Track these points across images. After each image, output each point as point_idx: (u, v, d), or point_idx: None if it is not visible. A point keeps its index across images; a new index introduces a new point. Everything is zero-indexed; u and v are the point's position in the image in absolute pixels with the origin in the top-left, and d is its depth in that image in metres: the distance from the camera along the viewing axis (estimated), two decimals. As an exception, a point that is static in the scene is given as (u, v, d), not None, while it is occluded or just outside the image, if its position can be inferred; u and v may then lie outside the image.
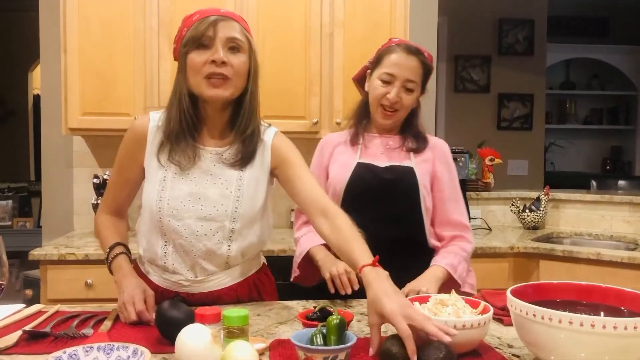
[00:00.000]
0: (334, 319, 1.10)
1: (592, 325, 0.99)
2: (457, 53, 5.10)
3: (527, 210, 3.25)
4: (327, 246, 1.72)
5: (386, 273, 1.22)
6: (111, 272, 1.49)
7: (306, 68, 2.87)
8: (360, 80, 1.92)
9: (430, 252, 1.80)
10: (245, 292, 1.58)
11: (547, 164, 6.18)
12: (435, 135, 4.95)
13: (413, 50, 1.77)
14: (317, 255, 1.72)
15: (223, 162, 1.48)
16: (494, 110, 5.19)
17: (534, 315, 1.06)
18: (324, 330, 1.10)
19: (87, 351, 0.98)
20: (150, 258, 1.52)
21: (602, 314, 1.16)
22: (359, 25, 2.88)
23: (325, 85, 2.89)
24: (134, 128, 1.54)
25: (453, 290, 1.29)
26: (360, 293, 1.60)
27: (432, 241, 1.81)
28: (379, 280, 1.18)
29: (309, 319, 1.23)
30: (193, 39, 1.41)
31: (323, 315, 1.23)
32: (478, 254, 2.62)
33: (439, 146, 1.86)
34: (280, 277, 2.23)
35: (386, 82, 1.75)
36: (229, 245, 1.48)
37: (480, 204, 3.41)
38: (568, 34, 6.07)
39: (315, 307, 1.27)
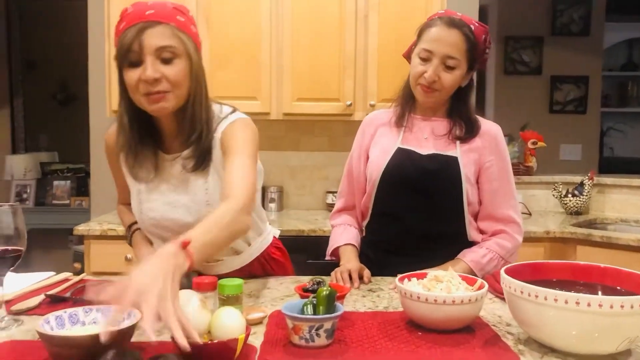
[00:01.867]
0: (323, 291, 1.13)
1: (577, 303, 0.98)
2: (508, 34, 4.95)
3: (569, 195, 3.15)
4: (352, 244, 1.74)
5: (172, 254, 1.04)
6: (132, 247, 1.59)
7: (340, 50, 2.88)
8: (409, 57, 1.74)
9: (468, 247, 1.69)
10: (259, 269, 1.64)
11: (605, 149, 5.94)
12: (484, 118, 4.91)
13: (455, 23, 1.59)
14: (341, 256, 1.72)
15: (185, 168, 1.42)
16: (546, 93, 5.02)
17: (522, 292, 1.05)
18: (315, 301, 1.13)
19: (86, 312, 1.06)
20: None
21: (599, 293, 1.14)
22: (394, 7, 2.86)
23: (360, 68, 2.89)
24: (106, 142, 1.53)
25: (450, 267, 1.28)
26: (373, 273, 1.64)
27: (474, 235, 1.69)
28: (153, 255, 1.06)
29: (305, 291, 1.27)
30: (121, 54, 1.31)
31: (319, 287, 1.26)
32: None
33: (490, 133, 1.68)
34: (311, 257, 2.29)
35: (424, 60, 1.61)
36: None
37: (522, 189, 3.32)
38: (630, 12, 5.76)
39: (312, 280, 1.31)
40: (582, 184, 3.14)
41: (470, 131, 1.68)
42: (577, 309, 0.98)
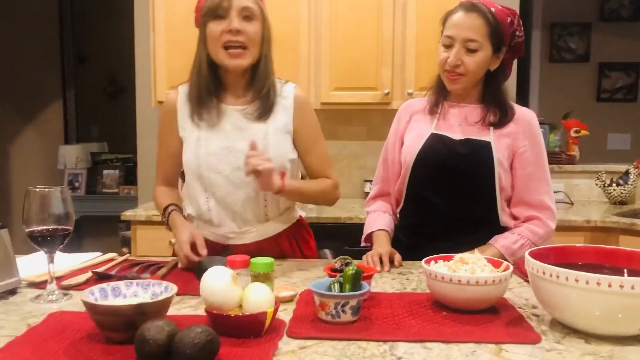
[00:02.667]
0: (350, 270, 1.17)
1: (598, 284, 1.00)
2: (554, 21, 4.84)
3: (613, 184, 3.09)
4: (385, 230, 1.78)
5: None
6: (170, 229, 1.66)
7: (378, 39, 2.90)
8: None
9: (501, 232, 1.69)
10: (287, 245, 1.73)
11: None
12: (528, 107, 4.82)
13: (474, 6, 1.61)
14: (374, 241, 1.77)
15: (247, 117, 1.62)
16: (594, 80, 4.89)
17: (543, 273, 1.07)
18: (342, 280, 1.18)
19: (127, 286, 1.13)
20: (197, 215, 1.68)
21: (625, 276, 1.14)
22: (432, -5, 2.85)
23: (398, 56, 2.91)
24: (165, 102, 1.72)
25: (476, 250, 1.31)
26: (405, 258, 1.67)
27: (507, 220, 1.69)
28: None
29: (334, 271, 1.31)
30: (210, 9, 1.54)
31: (346, 267, 1.31)
32: (551, 227, 2.56)
33: (524, 118, 1.69)
34: (347, 243, 2.33)
35: (447, 46, 1.64)
36: (265, 193, 1.61)
37: (564, 178, 3.28)
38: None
39: (341, 261, 1.35)
40: (627, 173, 3.08)
41: (504, 117, 1.68)
42: (597, 289, 1.00)
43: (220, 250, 1.63)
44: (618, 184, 3.08)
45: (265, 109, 1.62)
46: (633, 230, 2.55)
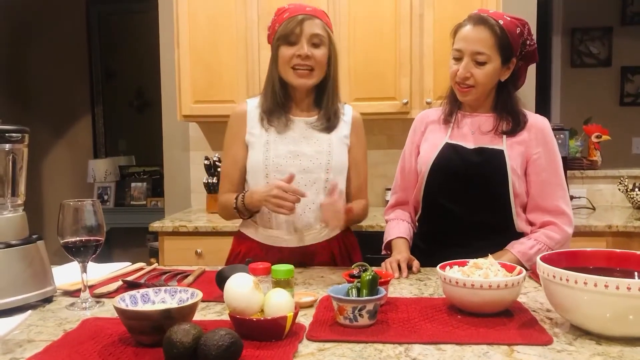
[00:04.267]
0: (367, 275, 1.22)
1: (606, 286, 1.02)
2: (574, 26, 4.83)
3: (636, 189, 3.07)
4: (404, 237, 1.83)
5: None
6: (246, 207, 1.73)
7: (396, 50, 2.95)
8: None
9: (517, 238, 1.72)
10: (337, 250, 1.82)
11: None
12: (550, 113, 4.82)
13: (482, 20, 1.65)
14: (393, 248, 1.82)
15: (313, 128, 1.79)
16: (617, 85, 4.86)
17: (554, 277, 1.10)
18: (359, 285, 1.23)
19: (156, 292, 1.20)
20: (257, 217, 1.79)
21: (636, 278, 1.16)
22: (449, 5, 2.90)
23: (416, 66, 2.95)
24: (236, 110, 1.87)
25: (490, 255, 1.34)
26: (424, 264, 1.71)
27: (523, 226, 1.72)
28: None
29: (352, 277, 1.36)
30: (283, 36, 1.72)
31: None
32: (573, 233, 2.55)
33: (537, 125, 1.72)
34: (369, 251, 2.38)
35: (457, 59, 1.69)
36: (325, 197, 1.72)
37: (586, 183, 3.27)
38: None
39: (358, 267, 1.40)
40: (649, 178, 3.06)
41: (516, 125, 1.72)
42: (606, 291, 1.03)
43: (270, 254, 1.73)
44: (641, 189, 3.06)
45: (331, 125, 1.80)
46: (656, 235, 2.55)
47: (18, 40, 5.22)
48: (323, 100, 1.80)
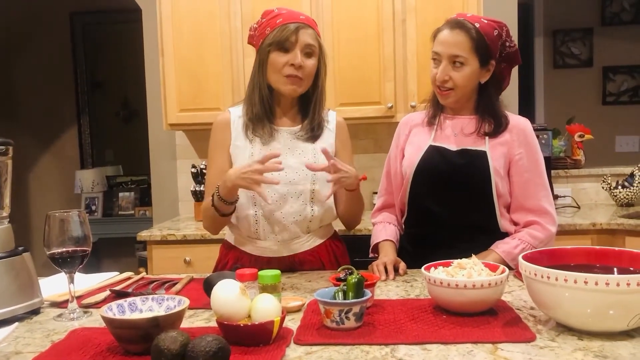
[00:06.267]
0: (352, 278, 1.23)
1: (586, 282, 1.05)
2: (555, 27, 4.90)
3: (619, 187, 3.12)
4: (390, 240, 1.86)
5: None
6: (222, 196, 1.63)
7: (380, 55, 2.97)
8: None
9: (502, 238, 1.74)
10: (325, 256, 1.82)
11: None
12: (534, 113, 4.87)
13: (459, 23, 1.68)
14: (380, 251, 1.84)
15: (298, 138, 1.77)
16: (599, 84, 4.93)
17: (535, 275, 1.12)
18: (345, 288, 1.24)
19: (143, 301, 1.20)
20: (244, 231, 1.77)
21: (614, 274, 1.19)
22: (431, 10, 2.93)
23: (400, 70, 2.98)
24: (218, 119, 1.83)
25: (473, 255, 1.36)
26: (411, 266, 1.73)
27: (507, 226, 1.75)
28: None
29: (338, 280, 1.37)
30: (277, 42, 1.68)
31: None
32: (558, 232, 2.58)
33: (518, 127, 1.75)
34: (357, 255, 2.39)
35: (436, 62, 1.72)
36: (312, 207, 1.73)
37: (570, 182, 3.31)
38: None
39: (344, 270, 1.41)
40: (632, 175, 3.11)
41: (498, 126, 1.74)
42: (586, 288, 1.05)
43: (260, 263, 1.72)
44: (624, 187, 3.11)
45: (316, 134, 1.78)
46: (638, 231, 2.58)
47: (2, 52, 5.20)
48: (309, 110, 1.78)
